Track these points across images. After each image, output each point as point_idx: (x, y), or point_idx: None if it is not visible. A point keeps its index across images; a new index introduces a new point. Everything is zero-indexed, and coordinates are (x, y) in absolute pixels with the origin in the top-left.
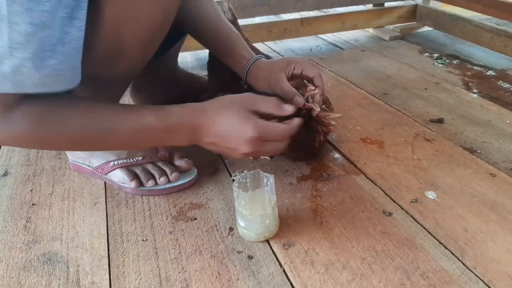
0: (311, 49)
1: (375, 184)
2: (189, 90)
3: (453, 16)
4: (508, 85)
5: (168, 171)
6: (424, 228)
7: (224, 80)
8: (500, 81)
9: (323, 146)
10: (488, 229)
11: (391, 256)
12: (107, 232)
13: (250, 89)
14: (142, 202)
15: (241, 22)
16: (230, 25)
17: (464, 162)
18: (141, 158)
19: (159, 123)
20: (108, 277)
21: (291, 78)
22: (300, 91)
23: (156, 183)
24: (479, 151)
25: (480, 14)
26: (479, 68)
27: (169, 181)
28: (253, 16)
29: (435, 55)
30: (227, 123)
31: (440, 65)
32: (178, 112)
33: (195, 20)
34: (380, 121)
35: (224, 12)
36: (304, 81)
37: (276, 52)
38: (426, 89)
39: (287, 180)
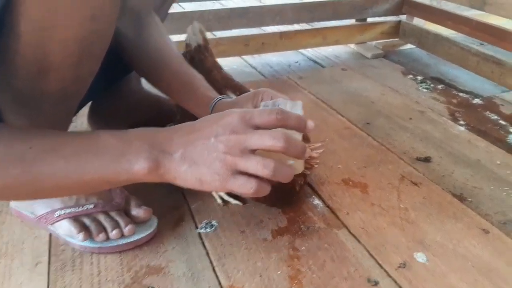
0: (289, 65)
1: (359, 241)
2: (154, 113)
3: (437, 35)
4: (496, 117)
5: (122, 223)
6: None
7: None
8: (488, 111)
9: (302, 189)
10: None
11: None
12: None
13: None
14: (91, 262)
15: (217, 34)
16: (191, 66)
17: (454, 214)
18: (92, 206)
19: (112, 137)
20: None
21: None
22: None
23: (108, 237)
24: (469, 199)
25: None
26: (465, 95)
27: (123, 235)
28: (229, 28)
29: (419, 77)
30: (199, 121)
31: (425, 90)
32: (137, 130)
33: (153, 61)
34: (363, 157)
35: (194, 35)
36: None
37: (253, 67)
38: (410, 118)
39: (261, 235)
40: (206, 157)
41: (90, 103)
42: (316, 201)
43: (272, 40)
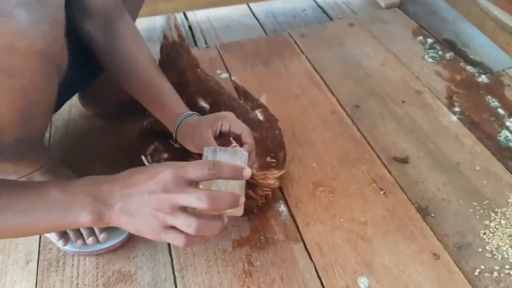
0: (295, 16)
1: (311, 258)
2: None
3: None
4: (496, 103)
5: (96, 230)
6: None
7: None
8: (490, 95)
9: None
10: None
11: None
12: None
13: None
14: (72, 264)
15: None
16: (162, 76)
17: (412, 233)
18: None
19: (59, 192)
20: None
21: (220, 135)
22: None
23: (85, 243)
24: (433, 214)
25: None
26: (471, 70)
27: (98, 241)
28: None
29: (429, 40)
30: (138, 173)
31: (430, 60)
32: (84, 180)
33: (124, 69)
34: (340, 153)
35: (170, 29)
36: (230, 138)
37: (256, 17)
38: (403, 102)
39: (222, 245)
40: (141, 212)
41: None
42: (282, 207)
43: None
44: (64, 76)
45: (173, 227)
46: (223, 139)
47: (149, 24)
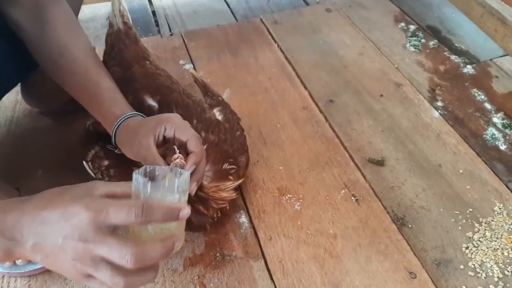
0: (268, 0)
1: (271, 279)
2: None
3: None
4: (483, 97)
5: None
6: None
7: None
8: (476, 88)
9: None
10: None
11: None
12: None
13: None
14: (1, 287)
15: None
16: (101, 71)
17: (386, 247)
18: None
19: None
20: None
21: (164, 142)
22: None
23: (15, 263)
24: (410, 225)
25: None
26: (456, 59)
27: (29, 261)
28: None
29: (412, 27)
30: (49, 204)
31: (413, 48)
32: None
33: (56, 63)
34: (310, 156)
35: (115, 16)
36: (174, 146)
37: (225, 1)
38: (381, 96)
39: (173, 264)
40: (56, 256)
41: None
42: (243, 219)
43: None
44: None
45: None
46: (167, 146)
47: (93, 11)
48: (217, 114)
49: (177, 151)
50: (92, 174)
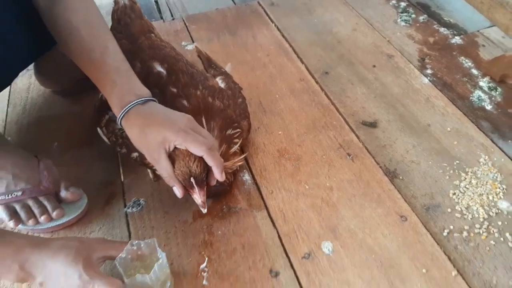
0: None
1: (274, 225)
2: None
3: None
4: (470, 64)
5: (50, 207)
6: None
7: None
8: (463, 56)
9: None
10: None
11: None
12: None
13: None
14: None
15: None
16: (112, 50)
17: (379, 196)
18: (20, 193)
19: None
20: None
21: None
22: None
23: (38, 222)
24: (401, 177)
25: None
26: (445, 31)
27: (52, 219)
28: None
29: (403, 4)
30: (58, 250)
31: (403, 23)
32: (18, 236)
33: (67, 45)
34: (307, 121)
35: None
36: (192, 181)
37: None
38: (374, 66)
39: (183, 216)
40: None
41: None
42: (246, 177)
43: None
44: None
45: None
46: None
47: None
48: (220, 82)
49: (194, 185)
50: (106, 139)
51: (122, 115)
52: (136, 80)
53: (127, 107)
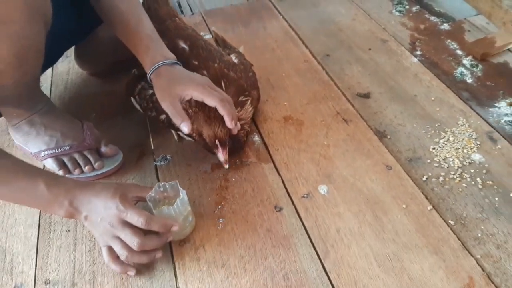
0: None
1: (279, 174)
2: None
3: None
4: (455, 46)
5: (92, 160)
6: (304, 226)
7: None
8: (450, 39)
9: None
10: (358, 230)
11: (265, 255)
12: (39, 221)
13: None
14: None
15: None
16: (144, 23)
17: (368, 151)
18: (68, 148)
19: (46, 189)
20: (34, 267)
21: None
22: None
23: (83, 171)
24: (389, 137)
25: None
26: (435, 20)
27: (94, 169)
28: None
29: None
30: (99, 194)
31: (398, 13)
32: (66, 184)
33: (108, 19)
34: (309, 94)
35: None
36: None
37: None
38: (370, 49)
39: (203, 168)
40: (96, 224)
41: (74, 47)
42: (256, 138)
43: None
44: (59, 25)
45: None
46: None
47: None
48: (234, 58)
49: (219, 146)
50: (138, 107)
51: (152, 71)
52: (165, 47)
53: (157, 64)
